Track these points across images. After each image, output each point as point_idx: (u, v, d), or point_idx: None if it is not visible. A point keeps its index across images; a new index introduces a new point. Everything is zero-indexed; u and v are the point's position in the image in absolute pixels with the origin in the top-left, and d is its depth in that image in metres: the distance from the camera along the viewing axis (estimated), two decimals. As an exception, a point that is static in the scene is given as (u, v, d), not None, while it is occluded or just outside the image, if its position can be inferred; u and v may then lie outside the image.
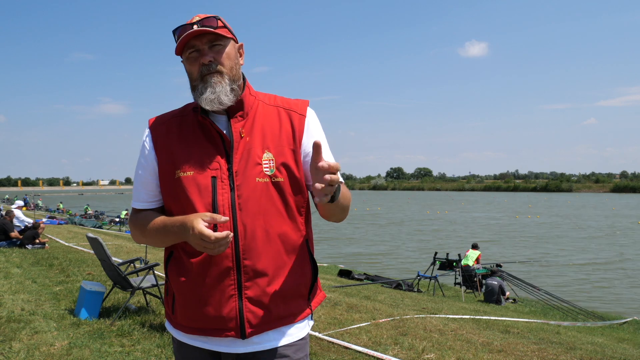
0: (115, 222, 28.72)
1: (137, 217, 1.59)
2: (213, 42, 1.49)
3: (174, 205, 1.52)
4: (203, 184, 1.47)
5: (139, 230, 1.57)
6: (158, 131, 1.58)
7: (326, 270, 14.57)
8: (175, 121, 1.58)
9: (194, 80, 1.51)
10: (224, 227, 1.45)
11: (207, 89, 1.47)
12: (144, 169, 1.58)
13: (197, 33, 1.46)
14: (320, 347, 4.37)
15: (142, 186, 1.58)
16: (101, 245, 5.40)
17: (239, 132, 1.51)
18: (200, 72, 1.48)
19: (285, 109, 1.59)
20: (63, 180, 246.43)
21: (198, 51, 1.49)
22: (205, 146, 1.51)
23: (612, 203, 73.11)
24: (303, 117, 1.58)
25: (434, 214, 48.08)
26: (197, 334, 1.52)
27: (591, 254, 21.33)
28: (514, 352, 4.65)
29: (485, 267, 13.36)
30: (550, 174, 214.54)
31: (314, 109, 1.63)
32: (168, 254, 1.56)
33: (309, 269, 1.58)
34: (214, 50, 1.49)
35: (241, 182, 1.47)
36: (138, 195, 1.60)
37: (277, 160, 1.51)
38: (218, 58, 1.49)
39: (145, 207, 1.59)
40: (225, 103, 1.48)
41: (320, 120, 1.65)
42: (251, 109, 1.56)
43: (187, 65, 1.52)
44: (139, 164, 1.60)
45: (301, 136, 1.56)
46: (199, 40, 1.48)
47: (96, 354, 4.03)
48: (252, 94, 1.58)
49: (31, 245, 11.38)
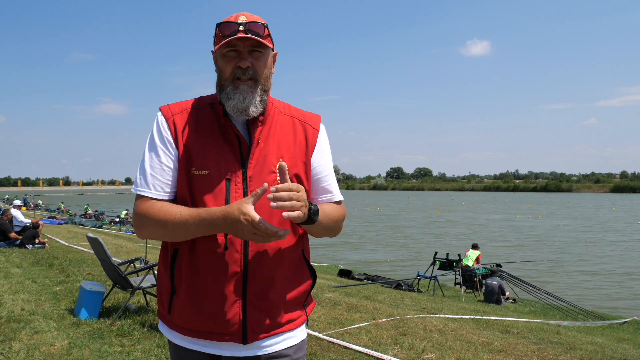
0: (115, 222, 28.72)
1: (152, 207, 1.44)
2: (255, 47, 1.46)
3: (182, 202, 1.47)
4: (217, 186, 1.45)
5: (157, 222, 1.42)
6: (175, 120, 1.51)
7: (326, 270, 14.57)
8: (192, 114, 1.53)
9: (224, 80, 1.48)
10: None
11: (236, 95, 1.45)
12: (166, 156, 1.48)
13: (242, 38, 1.43)
14: (320, 347, 4.37)
15: (161, 174, 1.48)
16: (101, 245, 5.40)
17: (257, 138, 1.50)
18: (233, 73, 1.46)
19: (300, 121, 1.60)
20: (63, 180, 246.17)
21: (237, 52, 1.46)
22: (222, 147, 1.48)
23: (612, 203, 73.10)
24: (317, 132, 1.60)
25: (444, 214, 47.90)
26: (197, 336, 1.49)
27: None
28: (514, 352, 4.65)
29: (485, 267, 13.37)
30: (550, 174, 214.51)
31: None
32: (172, 252, 1.51)
33: (308, 277, 1.59)
34: (253, 56, 1.47)
35: (255, 188, 1.44)
36: (153, 183, 1.47)
37: (291, 171, 1.50)
38: (256, 65, 1.47)
39: (162, 197, 1.48)
40: (251, 115, 1.47)
41: (325, 128, 1.67)
42: (269, 115, 1.55)
43: (220, 62, 1.49)
44: (155, 149, 1.49)
45: (313, 150, 1.57)
46: (241, 42, 1.45)
47: (96, 354, 4.03)
48: (270, 100, 1.57)
49: (31, 245, 11.37)
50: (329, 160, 1.62)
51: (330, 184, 1.61)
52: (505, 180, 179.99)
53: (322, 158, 1.60)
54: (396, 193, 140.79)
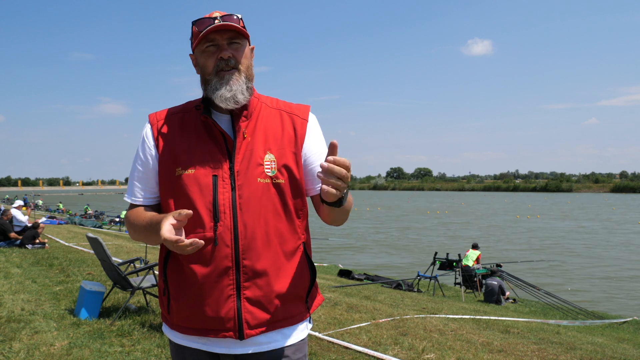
0: (115, 222, 28.67)
1: (131, 212, 1.57)
2: (233, 39, 1.49)
3: (173, 203, 1.49)
4: (204, 183, 1.46)
5: (131, 227, 1.55)
6: (159, 127, 1.56)
7: (326, 270, 14.56)
8: (177, 118, 1.57)
9: (207, 74, 1.50)
10: (225, 226, 1.44)
11: (222, 85, 1.47)
12: (144, 164, 1.56)
13: (219, 27, 1.45)
14: (320, 347, 4.37)
15: (140, 182, 1.56)
16: (101, 245, 5.40)
17: (242, 132, 1.51)
18: (216, 66, 1.48)
19: (287, 113, 1.60)
20: (63, 180, 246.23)
21: (216, 46, 1.48)
22: (207, 145, 1.50)
23: (612, 203, 73.09)
24: (305, 122, 1.59)
25: (449, 214, 47.89)
26: (194, 334, 1.50)
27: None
28: (514, 352, 4.65)
29: (485, 267, 13.36)
30: (550, 174, 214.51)
31: (314, 109, 1.64)
32: (165, 253, 1.54)
33: (307, 271, 1.57)
34: (233, 48, 1.49)
35: (242, 182, 1.47)
36: (134, 191, 1.57)
37: (279, 162, 1.50)
38: (237, 55, 1.49)
39: (141, 203, 1.57)
40: (240, 102, 1.48)
41: (320, 120, 1.66)
42: (254, 110, 1.56)
43: (201, 59, 1.51)
44: (137, 158, 1.58)
45: (303, 140, 1.56)
46: (219, 35, 1.47)
47: (96, 354, 4.03)
48: (256, 95, 1.58)
49: (31, 245, 11.37)
50: (322, 149, 1.61)
51: None
52: (505, 181, 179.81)
53: (314, 147, 1.59)
54: (396, 193, 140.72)
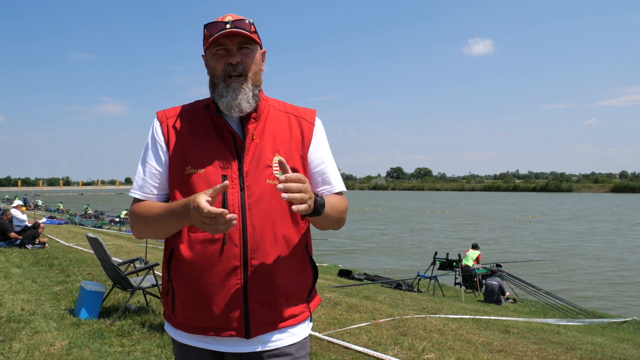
0: (115, 222, 28.70)
1: (139, 206, 1.54)
2: (243, 44, 1.50)
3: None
4: (213, 182, 1.46)
5: (141, 218, 1.52)
6: (169, 124, 1.57)
7: (326, 270, 14.56)
8: (187, 116, 1.58)
9: (216, 77, 1.52)
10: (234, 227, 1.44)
11: (229, 93, 1.48)
12: (156, 160, 1.56)
13: (230, 33, 1.46)
14: (320, 347, 4.37)
15: (151, 177, 1.55)
16: (101, 245, 5.40)
17: (252, 134, 1.52)
18: (224, 70, 1.50)
19: (295, 116, 1.62)
20: (63, 180, 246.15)
21: (226, 50, 1.50)
22: (217, 144, 1.51)
23: (612, 203, 73.08)
24: (312, 126, 1.62)
25: (449, 214, 47.89)
26: (200, 333, 1.50)
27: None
28: (514, 352, 4.65)
29: (485, 267, 13.36)
30: (550, 174, 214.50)
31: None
32: (170, 251, 1.54)
33: (310, 271, 1.60)
34: (242, 53, 1.50)
35: (251, 183, 1.48)
36: (145, 186, 1.55)
37: (288, 165, 1.52)
38: (245, 61, 1.50)
39: (150, 199, 1.56)
40: (245, 111, 1.50)
41: (321, 122, 1.68)
42: (263, 112, 1.58)
43: (211, 61, 1.53)
44: (147, 154, 1.57)
45: (309, 143, 1.59)
46: (229, 40, 1.49)
47: (96, 354, 4.03)
48: (264, 98, 1.60)
49: (31, 245, 11.37)
50: (326, 153, 1.64)
51: (329, 176, 1.62)
52: (505, 180, 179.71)
53: (319, 151, 1.61)
54: (396, 193, 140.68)
